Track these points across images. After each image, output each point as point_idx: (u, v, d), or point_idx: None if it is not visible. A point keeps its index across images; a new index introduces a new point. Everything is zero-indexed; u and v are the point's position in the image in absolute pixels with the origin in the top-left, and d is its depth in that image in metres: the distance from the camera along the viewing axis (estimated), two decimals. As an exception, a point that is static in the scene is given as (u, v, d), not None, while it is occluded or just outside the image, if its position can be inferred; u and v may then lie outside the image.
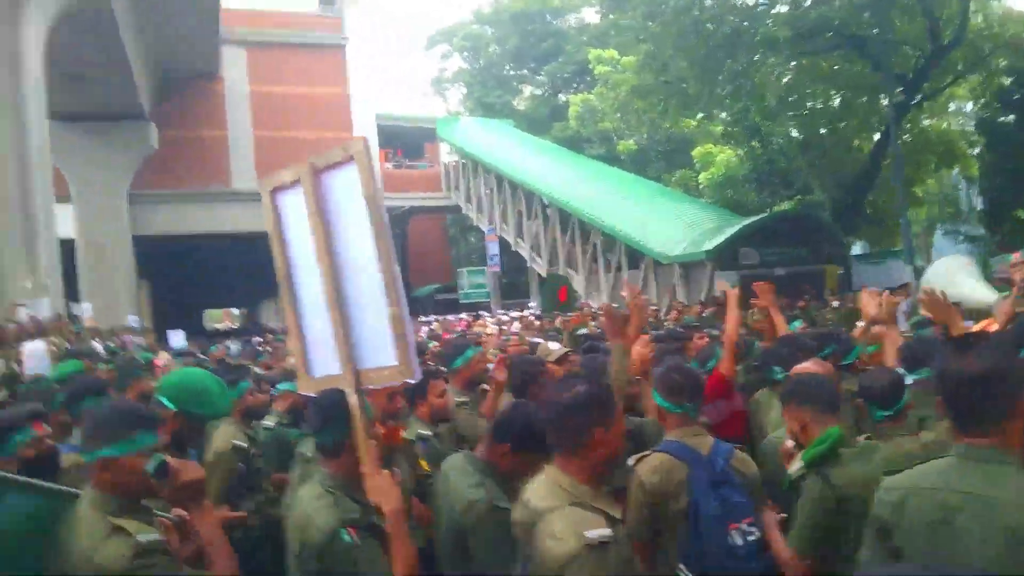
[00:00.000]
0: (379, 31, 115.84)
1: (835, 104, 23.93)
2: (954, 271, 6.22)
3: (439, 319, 22.71)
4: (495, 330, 14.43)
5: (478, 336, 11.74)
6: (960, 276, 6.13)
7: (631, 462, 2.90)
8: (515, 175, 30.44)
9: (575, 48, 40.75)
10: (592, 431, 2.19)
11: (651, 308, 19.15)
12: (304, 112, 31.56)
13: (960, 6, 19.71)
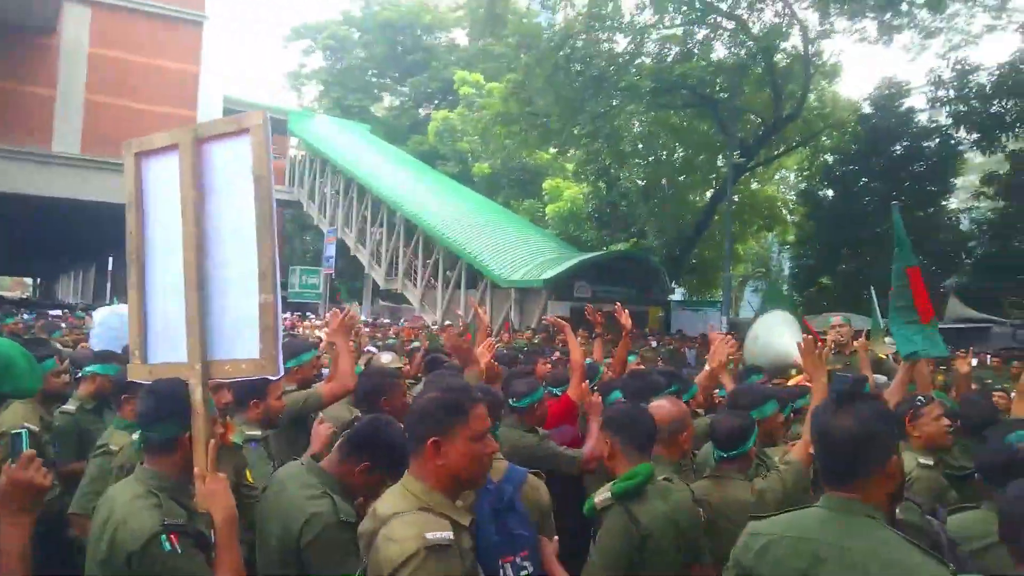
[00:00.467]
0: (242, 15, 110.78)
1: (679, 158, 25.39)
2: (778, 325, 6.54)
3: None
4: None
5: (307, 337, 11.33)
6: (782, 330, 6.43)
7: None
8: (365, 179, 29.97)
9: (442, 66, 40.97)
10: (437, 440, 2.08)
11: (450, 326, 19.46)
12: (148, 83, 29.43)
13: (801, 84, 21.57)
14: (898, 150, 23.12)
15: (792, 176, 30.13)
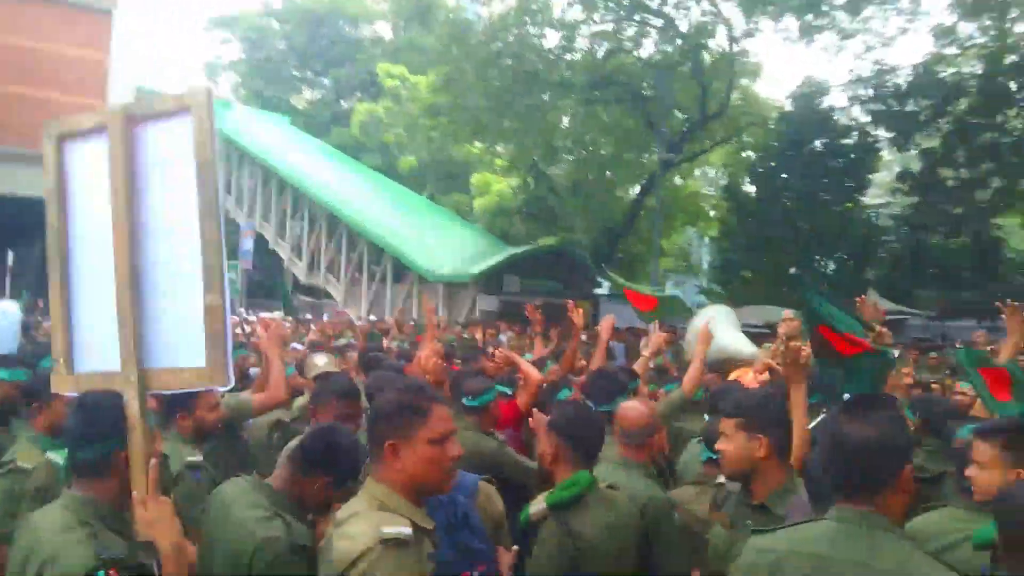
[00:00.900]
0: (158, 4, 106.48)
1: (607, 153, 25.51)
2: (719, 320, 6.48)
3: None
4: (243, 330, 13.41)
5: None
6: (724, 326, 6.40)
7: None
8: (286, 171, 29.08)
9: (367, 58, 40.09)
10: (394, 443, 1.94)
11: (410, 324, 19.12)
12: (50, 71, 27.83)
13: (727, 82, 21.97)
14: (818, 147, 23.81)
15: (712, 172, 30.74)
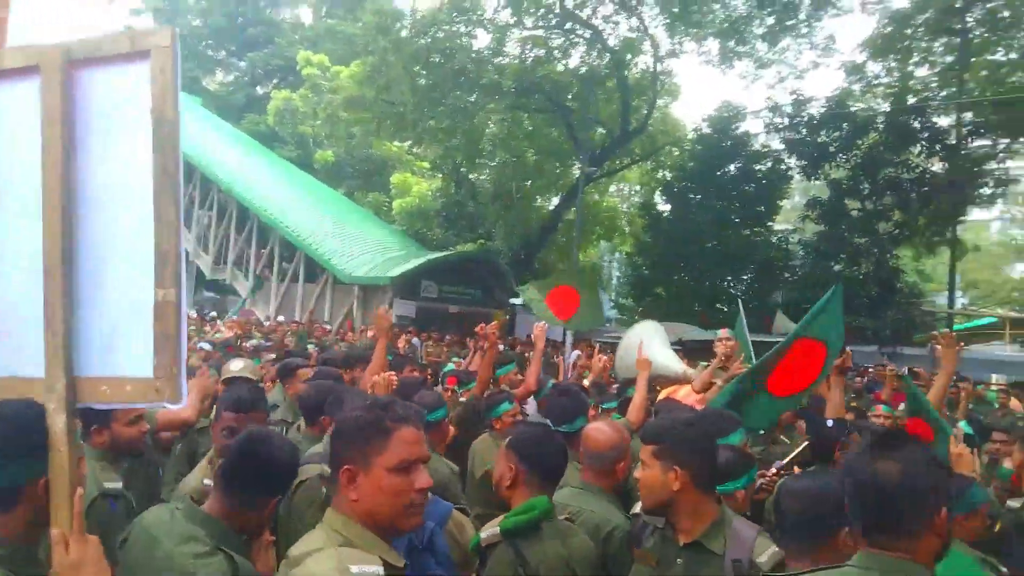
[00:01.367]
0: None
1: (531, 162, 25.41)
2: (649, 337, 6.42)
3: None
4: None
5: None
6: (654, 342, 6.34)
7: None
8: (194, 156, 27.67)
9: (286, 44, 38.82)
10: (350, 469, 1.71)
11: (323, 327, 18.47)
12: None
13: (648, 100, 22.28)
14: (732, 171, 24.41)
15: (626, 189, 31.18)
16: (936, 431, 3.94)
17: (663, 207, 25.92)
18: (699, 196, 24.46)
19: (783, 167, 24.03)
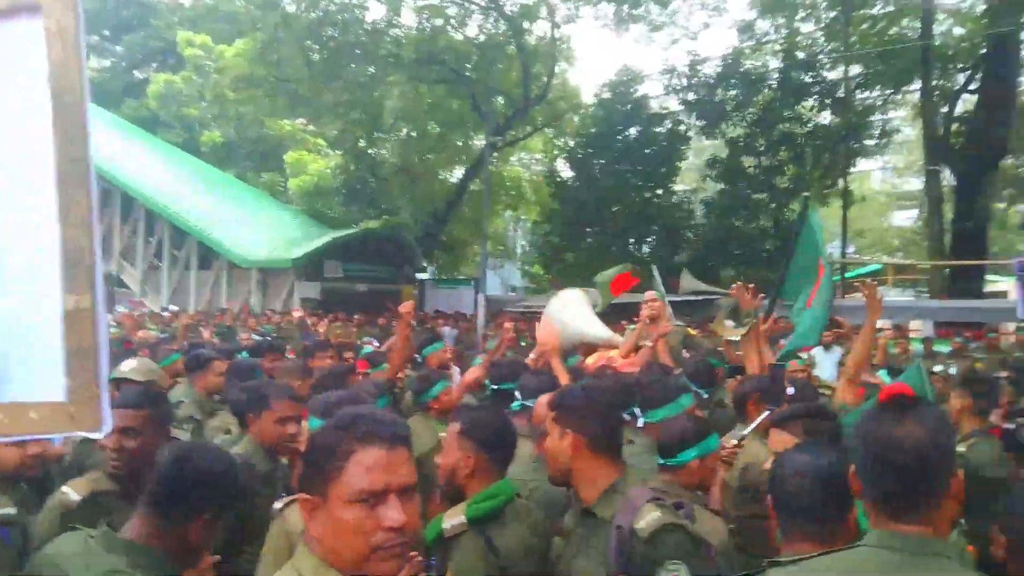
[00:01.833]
0: None
1: (433, 134, 24.81)
2: (573, 305, 6.21)
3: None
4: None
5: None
6: (581, 310, 6.15)
7: (278, 505, 2.20)
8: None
9: (164, 26, 36.77)
10: (307, 499, 1.39)
11: (218, 314, 17.56)
12: None
13: (548, 67, 22.04)
14: (632, 134, 24.59)
15: (527, 158, 31.10)
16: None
17: (567, 174, 25.91)
18: (602, 161, 24.58)
19: (682, 128, 24.36)
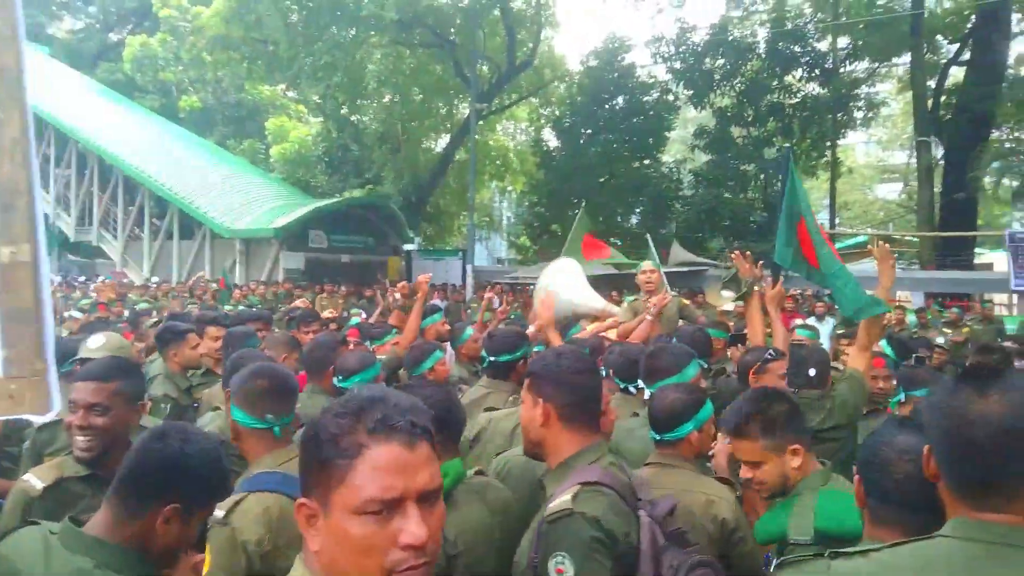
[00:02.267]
0: None
1: (416, 101, 24.33)
2: (567, 275, 6.10)
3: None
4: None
5: None
6: (574, 279, 6.04)
7: (219, 513, 1.91)
8: (46, 110, 25.18)
9: (140, -16, 35.69)
10: (304, 503, 1.13)
11: (205, 285, 17.22)
12: None
13: (534, 32, 21.58)
14: (620, 103, 24.23)
15: (512, 127, 30.64)
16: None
17: (553, 144, 25.55)
18: (589, 131, 24.22)
19: (670, 97, 24.04)
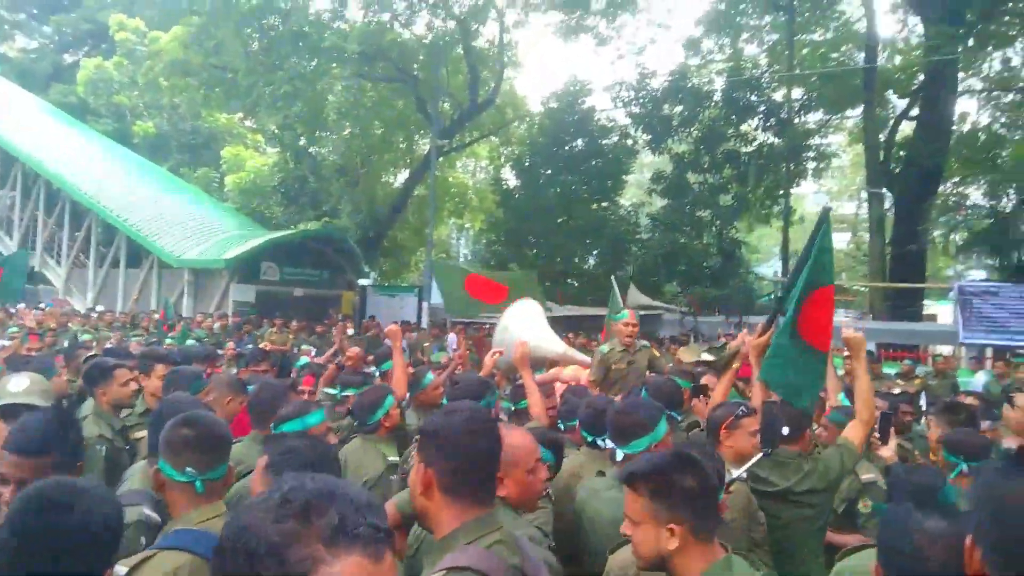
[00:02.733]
0: None
1: (376, 135, 24.16)
2: (528, 318, 6.01)
3: None
4: None
5: None
6: (536, 322, 5.95)
7: (121, 570, 1.79)
8: (-8, 131, 24.45)
9: (97, 7, 35.15)
10: None
11: (146, 316, 16.67)
12: None
13: (496, 71, 21.69)
14: (579, 145, 24.43)
15: (472, 164, 30.71)
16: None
17: (513, 183, 25.60)
18: (548, 171, 24.33)
19: (629, 141, 24.33)
